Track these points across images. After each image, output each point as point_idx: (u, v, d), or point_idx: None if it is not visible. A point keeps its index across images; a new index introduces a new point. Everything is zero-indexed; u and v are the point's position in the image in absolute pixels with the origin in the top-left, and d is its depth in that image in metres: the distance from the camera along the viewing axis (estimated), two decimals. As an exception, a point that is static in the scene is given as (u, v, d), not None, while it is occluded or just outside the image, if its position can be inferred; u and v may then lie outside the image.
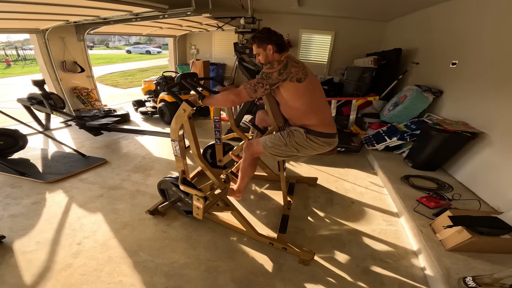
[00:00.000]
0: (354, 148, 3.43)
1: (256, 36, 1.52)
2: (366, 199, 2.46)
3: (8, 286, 1.39)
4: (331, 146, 1.69)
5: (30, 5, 2.44)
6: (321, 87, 1.61)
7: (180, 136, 1.77)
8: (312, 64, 5.98)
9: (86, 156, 2.83)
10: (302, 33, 5.78)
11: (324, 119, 1.60)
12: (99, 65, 16.41)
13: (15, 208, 2.00)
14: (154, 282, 1.42)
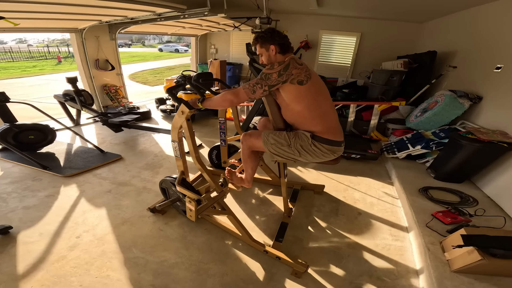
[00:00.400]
0: (371, 155, 3.24)
1: (259, 36, 1.48)
2: (375, 211, 2.31)
3: (2, 274, 1.48)
4: (335, 155, 1.58)
5: (68, 6, 2.67)
6: (326, 91, 1.52)
7: (179, 137, 1.81)
8: (334, 66, 5.77)
9: (104, 152, 3.02)
10: (322, 34, 5.60)
11: (330, 125, 1.50)
12: (134, 62, 17.50)
13: (30, 200, 2.15)
14: (141, 279, 1.45)
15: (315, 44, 5.67)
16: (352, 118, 3.95)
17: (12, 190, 2.20)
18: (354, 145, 3.41)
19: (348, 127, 4.02)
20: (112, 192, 2.28)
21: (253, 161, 1.80)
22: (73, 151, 3.05)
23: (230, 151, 2.60)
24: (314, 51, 5.72)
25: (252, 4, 4.01)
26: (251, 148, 1.73)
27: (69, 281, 1.41)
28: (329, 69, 5.77)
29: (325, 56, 5.81)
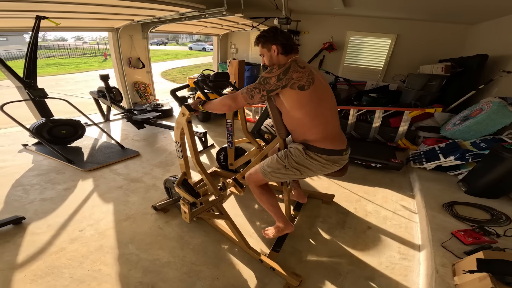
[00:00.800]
0: (394, 165, 3.00)
1: (260, 36, 1.40)
2: (387, 226, 2.14)
3: (2, 263, 1.57)
4: (337, 165, 1.44)
5: (101, 6, 2.90)
6: (330, 97, 1.40)
7: (182, 138, 1.83)
8: (362, 69, 5.46)
9: (124, 148, 3.21)
10: (350, 35, 5.30)
11: (329, 133, 1.38)
12: (167, 60, 18.42)
13: (49, 192, 2.29)
14: (130, 275, 1.50)
15: (341, 46, 5.41)
16: (378, 124, 3.71)
17: (36, 182, 2.40)
18: (375, 153, 3.19)
19: (372, 133, 3.78)
20: (123, 188, 2.40)
21: (269, 198, 1.65)
22: (97, 146, 3.29)
23: (238, 153, 2.58)
24: (340, 53, 5.46)
25: (271, 4, 3.95)
26: (257, 184, 1.62)
27: (61, 273, 1.49)
28: (356, 72, 5.47)
29: (353, 58, 5.51)
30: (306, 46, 5.65)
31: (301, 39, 5.67)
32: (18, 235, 1.77)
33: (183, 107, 1.66)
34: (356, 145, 3.46)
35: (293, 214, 2.18)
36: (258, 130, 3.47)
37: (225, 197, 1.98)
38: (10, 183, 2.30)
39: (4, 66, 2.81)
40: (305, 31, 5.58)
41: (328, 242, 1.95)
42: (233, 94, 1.42)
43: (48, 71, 13.38)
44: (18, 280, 1.44)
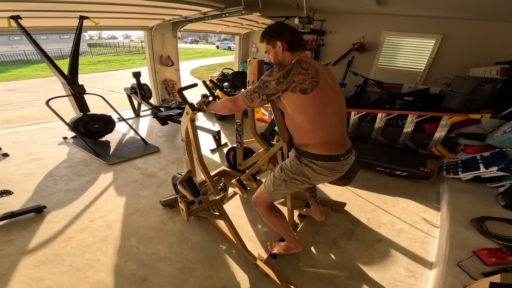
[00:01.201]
0: (422, 173, 2.73)
1: (265, 31, 1.32)
2: (401, 239, 1.97)
3: (13, 248, 1.71)
4: (336, 171, 1.32)
5: (134, 6, 3.14)
6: (338, 101, 1.28)
7: (187, 137, 1.87)
8: (399, 71, 5.04)
9: (147, 143, 3.43)
10: (385, 35, 4.91)
11: (328, 139, 1.27)
12: (196, 58, 19.14)
13: (73, 184, 2.48)
14: (125, 266, 1.59)
15: (374, 47, 5.03)
16: (409, 130, 3.42)
17: (65, 174, 2.64)
18: (402, 160, 2.94)
19: (402, 139, 3.49)
20: (138, 182, 2.56)
21: (279, 219, 1.60)
22: (124, 141, 3.55)
23: (247, 154, 2.57)
24: (372, 54, 5.10)
25: (292, 3, 3.80)
26: (266, 205, 1.58)
27: (63, 260, 1.61)
28: (392, 74, 5.09)
29: (388, 59, 5.11)
30: (332, 47, 5.42)
31: (327, 39, 5.45)
32: (36, 222, 1.94)
33: (186, 106, 1.69)
34: (381, 151, 3.22)
35: (297, 221, 2.10)
36: (271, 131, 3.42)
37: (225, 198, 1.99)
38: (43, 173, 2.59)
39: (51, 63, 3.12)
40: (331, 31, 5.32)
41: (330, 252, 1.84)
42: (234, 96, 1.39)
43: (99, 67, 14.88)
44: (23, 265, 1.58)
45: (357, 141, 3.55)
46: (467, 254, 1.57)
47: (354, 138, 3.63)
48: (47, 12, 2.88)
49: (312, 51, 5.43)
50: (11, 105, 6.64)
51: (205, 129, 3.51)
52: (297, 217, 2.13)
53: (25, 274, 1.50)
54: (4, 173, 2.51)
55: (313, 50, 5.43)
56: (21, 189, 2.27)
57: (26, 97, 7.62)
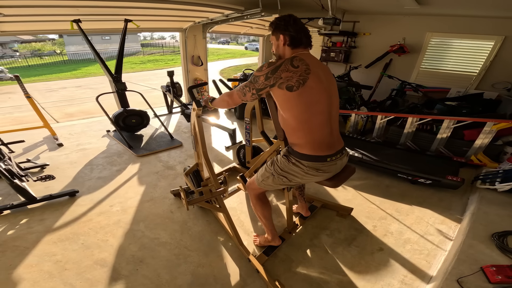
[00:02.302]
0: (449, 182, 2.48)
1: (272, 22, 1.34)
2: (405, 250, 1.85)
3: (42, 226, 1.96)
4: (322, 172, 1.31)
5: (169, 10, 3.45)
6: (327, 101, 1.25)
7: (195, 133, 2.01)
8: (447, 75, 4.55)
9: (173, 138, 3.74)
10: (430, 37, 4.46)
11: (314, 139, 1.27)
12: (226, 59, 19.64)
13: (105, 172, 2.79)
14: (128, 248, 1.80)
15: (416, 49, 4.62)
16: (445, 136, 3.08)
17: (101, 163, 3.00)
18: (430, 167, 2.70)
19: (435, 145, 3.17)
20: (158, 173, 2.83)
21: (262, 208, 1.69)
22: (155, 135, 3.92)
23: (256, 152, 2.64)
24: (414, 56, 4.68)
25: (315, 4, 3.66)
26: (255, 193, 1.66)
27: (78, 238, 1.86)
28: (437, 78, 4.63)
29: (433, 62, 4.65)
30: (366, 48, 5.11)
31: (360, 41, 5.16)
32: (67, 205, 2.22)
33: (193, 103, 1.82)
34: (407, 157, 2.99)
35: (296, 222, 2.10)
36: None
37: (225, 192, 2.09)
38: (85, 162, 3.03)
39: (102, 62, 3.58)
40: (365, 32, 5.02)
41: (325, 257, 1.82)
42: (230, 91, 1.46)
43: (148, 66, 16.38)
44: (44, 241, 1.83)
45: (383, 146, 3.33)
46: (472, 270, 1.43)
47: (379, 143, 3.42)
48: (99, 16, 3.35)
49: (342, 53, 5.20)
50: (76, 100, 7.77)
51: (222, 127, 3.67)
52: (298, 219, 2.13)
53: (42, 249, 1.77)
54: (56, 161, 3.01)
55: (343, 52, 5.19)
56: (64, 175, 2.70)
57: (88, 93, 8.82)
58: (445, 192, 2.51)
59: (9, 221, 2.01)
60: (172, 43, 30.42)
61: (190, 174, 2.10)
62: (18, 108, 6.58)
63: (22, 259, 1.69)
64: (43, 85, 10.81)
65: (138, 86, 9.38)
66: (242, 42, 39.51)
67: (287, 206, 1.97)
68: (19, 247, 1.78)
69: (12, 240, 1.83)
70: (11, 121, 5.38)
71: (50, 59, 19.54)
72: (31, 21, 3.16)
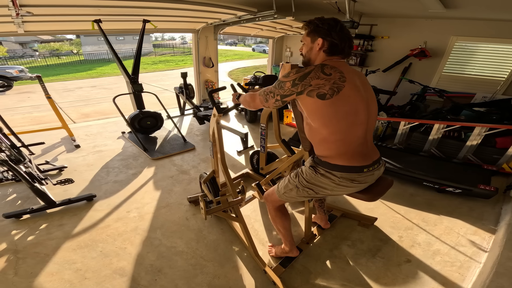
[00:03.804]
0: (481, 191, 2.35)
1: (311, 22, 1.21)
2: (434, 262, 1.76)
3: (62, 232, 1.96)
4: (357, 183, 1.20)
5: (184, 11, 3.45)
6: (365, 110, 1.15)
7: (214, 139, 1.97)
8: (472, 79, 4.38)
9: (186, 141, 3.72)
10: (455, 41, 4.29)
11: (348, 150, 1.17)
12: (233, 60, 19.72)
13: (121, 176, 2.78)
14: (146, 257, 1.78)
15: (439, 53, 4.44)
16: (475, 143, 2.92)
17: (117, 166, 3.00)
18: (458, 176, 2.56)
19: (463, 153, 3.00)
20: (173, 178, 2.81)
21: (282, 220, 1.62)
22: (168, 137, 3.92)
23: (270, 158, 2.57)
24: (436, 60, 4.51)
25: (332, 7, 3.53)
26: (274, 205, 1.60)
27: (96, 246, 1.84)
28: (461, 83, 4.46)
29: (457, 66, 4.48)
30: (383, 52, 4.97)
31: (377, 45, 5.02)
32: (85, 210, 2.22)
33: (214, 108, 1.77)
34: (432, 165, 2.86)
35: (314, 232, 2.03)
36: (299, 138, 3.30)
37: (243, 201, 2.04)
38: (101, 164, 3.04)
39: (119, 63, 3.56)
40: (383, 35, 4.88)
41: (347, 268, 1.74)
42: (254, 93, 1.38)
43: (160, 67, 16.61)
44: (64, 248, 1.83)
45: (405, 153, 3.19)
46: (511, 287, 1.30)
47: (401, 150, 3.29)
48: (119, 16, 3.39)
49: (357, 56, 5.07)
50: (91, 100, 7.95)
51: (234, 131, 3.61)
52: (316, 228, 2.06)
53: (62, 256, 1.76)
54: (73, 163, 3.05)
55: (358, 56, 5.06)
56: (82, 178, 2.73)
57: (102, 93, 9.02)
58: (475, 202, 2.37)
59: (28, 226, 2.03)
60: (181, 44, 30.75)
61: (207, 182, 2.06)
62: (37, 108, 6.77)
63: (43, 266, 1.69)
64: (60, 84, 11.16)
65: (150, 86, 9.51)
66: (249, 44, 39.87)
67: (306, 215, 1.89)
68: (40, 253, 1.79)
69: (32, 246, 1.84)
70: (30, 121, 5.54)
71: (67, 59, 20.19)
72: (54, 21, 3.22)
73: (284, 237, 1.71)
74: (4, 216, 2.06)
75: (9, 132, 2.88)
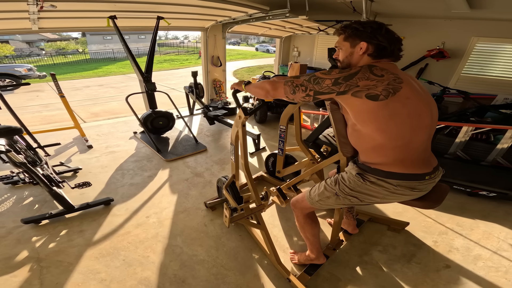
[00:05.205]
0: None
1: (349, 26, 1.10)
2: (477, 267, 1.69)
3: (82, 238, 1.90)
4: (416, 191, 1.11)
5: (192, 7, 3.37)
6: (429, 113, 1.06)
7: (236, 142, 1.88)
8: (493, 81, 4.27)
9: (197, 142, 3.64)
10: (476, 42, 4.17)
11: (409, 157, 1.06)
12: (238, 60, 19.63)
13: (137, 178, 2.72)
14: (169, 266, 1.72)
15: (458, 54, 4.32)
16: (505, 146, 2.77)
17: (131, 168, 2.94)
18: (490, 179, 2.45)
19: (493, 156, 2.85)
20: (188, 180, 2.74)
21: (312, 228, 1.56)
22: (180, 138, 3.86)
23: (287, 161, 2.47)
24: (454, 61, 4.38)
25: (346, 7, 3.41)
26: (303, 212, 1.53)
27: (118, 254, 1.79)
28: (481, 84, 4.34)
29: (476, 68, 4.36)
30: None
31: None
32: (103, 215, 2.16)
33: (240, 110, 1.67)
34: (461, 167, 2.74)
35: (341, 238, 1.94)
36: (315, 139, 3.18)
37: (265, 206, 1.96)
38: (115, 166, 2.99)
39: (134, 61, 3.51)
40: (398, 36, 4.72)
41: (380, 275, 1.66)
42: (276, 81, 1.22)
43: (165, 66, 16.56)
44: (86, 256, 1.77)
45: None
46: None
47: None
48: (134, 13, 3.33)
49: None
50: (99, 99, 7.92)
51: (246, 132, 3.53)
52: (342, 234, 1.97)
53: (86, 265, 1.71)
54: (87, 165, 3.01)
55: None
56: (97, 180, 2.68)
57: (110, 92, 9.01)
58: (510, 205, 2.28)
59: (48, 232, 1.99)
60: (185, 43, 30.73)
61: (228, 188, 1.98)
62: (46, 107, 6.76)
63: (68, 276, 1.64)
64: (68, 83, 11.17)
65: (158, 86, 9.26)
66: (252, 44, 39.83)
67: (336, 220, 1.80)
68: (63, 262, 1.74)
69: (55, 254, 1.79)
70: (41, 120, 5.52)
71: (74, 58, 20.27)
72: (68, 18, 3.16)
73: (312, 245, 1.64)
74: (23, 222, 2.02)
75: (25, 132, 2.83)
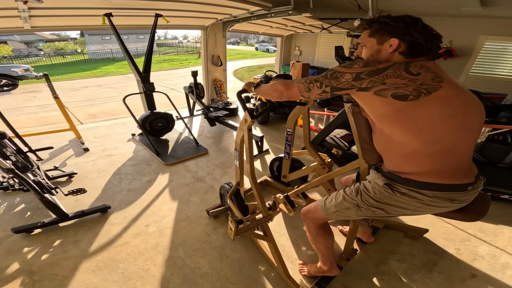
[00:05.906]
0: None
1: (376, 21, 1.01)
2: (506, 276, 1.61)
3: (78, 249, 1.78)
4: (456, 203, 0.99)
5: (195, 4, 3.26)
6: (478, 115, 0.95)
7: (241, 147, 1.76)
8: (503, 80, 4.27)
9: (198, 144, 3.51)
10: (485, 40, 4.15)
11: (449, 165, 0.93)
12: (238, 59, 19.56)
13: (135, 183, 2.60)
14: (171, 280, 1.60)
15: (466, 52, 4.31)
16: None
17: (130, 172, 2.81)
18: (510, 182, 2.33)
19: (511, 157, 2.75)
20: (189, 186, 2.62)
21: (325, 239, 1.45)
22: (180, 140, 3.72)
23: (293, 166, 2.35)
24: (462, 60, 4.38)
25: (350, 5, 3.33)
26: (316, 223, 1.42)
27: (117, 266, 1.67)
28: (490, 83, 4.34)
29: (485, 67, 4.35)
30: None
31: None
32: (100, 223, 2.04)
33: (246, 113, 1.56)
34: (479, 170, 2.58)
35: (355, 247, 1.82)
36: (321, 141, 3.06)
37: (272, 217, 1.84)
38: (113, 170, 2.85)
39: (131, 61, 3.38)
40: None
41: (399, 286, 1.56)
42: (289, 80, 1.17)
43: (164, 66, 16.44)
44: (82, 269, 1.65)
45: None
46: None
47: None
48: (130, 10, 3.20)
49: None
50: (97, 100, 7.77)
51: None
52: (356, 242, 1.86)
53: (82, 279, 1.59)
54: (83, 169, 2.87)
55: None
56: (93, 186, 2.55)
57: (108, 93, 8.86)
58: None
59: (41, 242, 1.85)
60: (184, 43, 30.70)
61: (232, 197, 1.86)
62: (43, 108, 6.60)
63: (63, 290, 1.51)
64: (67, 84, 11.03)
65: (156, 86, 9.10)
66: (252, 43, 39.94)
67: (351, 228, 1.68)
68: (57, 276, 1.61)
69: (48, 267, 1.66)
70: (37, 122, 5.35)
71: (72, 58, 20.12)
72: (61, 16, 3.03)
73: (325, 257, 1.52)
74: (13, 231, 1.88)
75: (14, 135, 2.69)
